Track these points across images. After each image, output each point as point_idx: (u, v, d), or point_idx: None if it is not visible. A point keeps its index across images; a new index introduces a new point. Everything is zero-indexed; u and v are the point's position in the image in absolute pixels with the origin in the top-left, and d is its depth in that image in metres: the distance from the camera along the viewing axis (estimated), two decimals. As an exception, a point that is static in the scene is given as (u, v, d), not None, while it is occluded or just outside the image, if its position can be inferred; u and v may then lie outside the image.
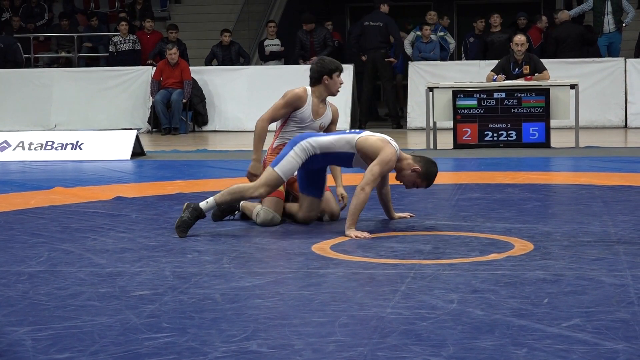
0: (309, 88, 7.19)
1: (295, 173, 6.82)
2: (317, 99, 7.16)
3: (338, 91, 7.27)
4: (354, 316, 4.39)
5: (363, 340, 4.01)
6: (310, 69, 7.23)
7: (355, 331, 4.15)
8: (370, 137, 6.67)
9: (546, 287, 4.90)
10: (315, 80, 7.17)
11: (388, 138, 6.71)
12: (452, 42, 17.27)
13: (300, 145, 6.63)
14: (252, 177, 7.02)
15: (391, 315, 4.39)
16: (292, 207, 7.06)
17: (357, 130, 6.90)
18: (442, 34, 17.24)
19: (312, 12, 17.85)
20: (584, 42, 16.49)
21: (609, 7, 16.81)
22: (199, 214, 6.54)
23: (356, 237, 6.37)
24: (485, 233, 6.51)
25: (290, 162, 6.60)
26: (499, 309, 4.46)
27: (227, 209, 7.15)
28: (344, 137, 6.70)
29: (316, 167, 6.80)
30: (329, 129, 7.30)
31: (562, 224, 6.81)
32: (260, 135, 7.08)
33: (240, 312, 4.52)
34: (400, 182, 6.80)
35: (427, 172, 6.70)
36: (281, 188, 6.91)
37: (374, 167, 6.53)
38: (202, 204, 6.56)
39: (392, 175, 6.82)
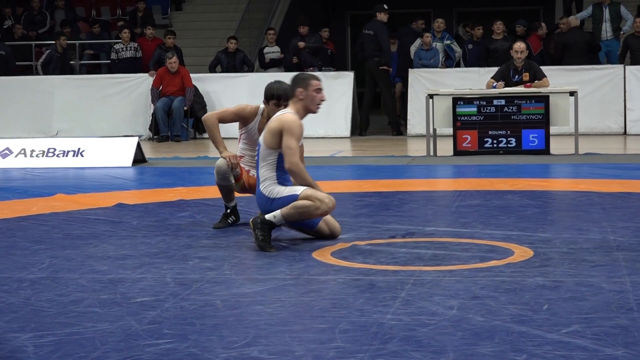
0: (262, 106, 7.30)
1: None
2: (265, 118, 7.12)
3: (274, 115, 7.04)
4: (354, 322, 4.39)
5: (363, 346, 4.01)
6: (266, 88, 7.27)
7: (355, 337, 4.15)
8: (268, 124, 6.61)
9: (546, 293, 4.90)
10: (266, 100, 7.21)
11: (278, 113, 6.63)
12: (458, 51, 17.24)
13: (264, 190, 6.51)
14: (232, 163, 7.14)
15: (391, 321, 4.39)
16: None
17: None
18: (448, 42, 17.21)
19: (311, 18, 17.85)
20: (589, 49, 16.51)
21: (607, 14, 16.84)
22: (270, 226, 6.34)
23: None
24: (485, 240, 6.51)
25: (288, 191, 6.44)
26: (498, 315, 4.46)
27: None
28: (260, 150, 6.63)
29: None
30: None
31: (562, 231, 6.81)
32: (214, 127, 7.26)
33: (241, 318, 4.52)
34: (311, 110, 6.60)
35: (300, 84, 6.58)
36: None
37: (287, 140, 6.41)
38: (269, 217, 6.36)
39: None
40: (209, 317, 4.55)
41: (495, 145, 12.36)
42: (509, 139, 12.34)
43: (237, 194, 7.41)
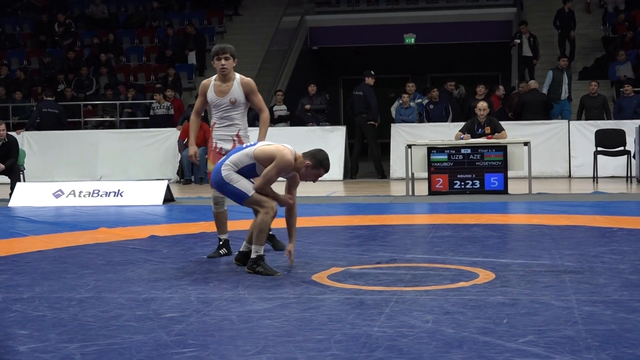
0: (212, 77, 7.07)
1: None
2: (219, 81, 6.96)
3: (222, 71, 6.93)
4: (347, 334, 4.37)
5: (354, 354, 3.99)
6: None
7: (348, 346, 4.13)
8: (266, 147, 6.29)
9: (505, 309, 4.89)
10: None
11: (284, 145, 6.33)
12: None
13: (224, 171, 6.28)
14: (192, 158, 7.11)
15: (377, 333, 4.37)
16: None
17: (254, 143, 6.49)
18: (419, 100, 17.26)
19: (310, 83, 17.93)
20: (545, 107, 16.60)
21: (565, 78, 16.98)
22: (259, 259, 6.21)
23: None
24: (455, 264, 6.50)
25: (241, 184, 6.24)
26: (466, 327, 4.44)
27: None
28: (245, 151, 6.33)
29: (248, 177, 6.38)
30: (250, 100, 7.03)
31: (518, 257, 6.80)
32: (193, 127, 7.14)
33: (253, 330, 4.50)
34: (304, 180, 6.36)
35: (317, 160, 6.23)
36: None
37: (269, 170, 6.17)
38: (253, 255, 6.25)
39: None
40: (226, 330, 4.53)
41: (462, 186, 12.37)
42: (474, 181, 12.35)
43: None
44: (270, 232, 7.13)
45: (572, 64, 19.25)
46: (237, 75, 7.05)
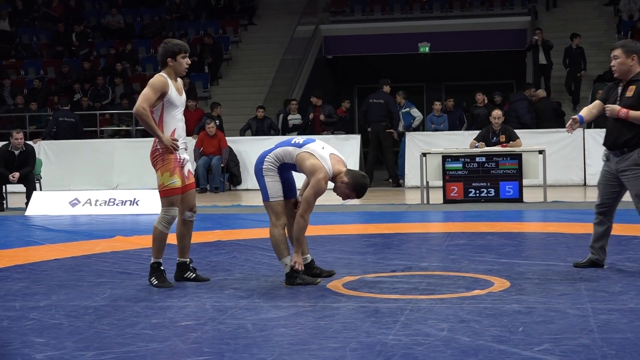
0: (163, 73, 6.31)
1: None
2: (173, 80, 6.31)
3: (185, 71, 6.40)
4: (361, 342, 4.37)
5: (369, 362, 3.99)
6: (158, 54, 6.38)
7: (363, 355, 4.13)
8: (307, 160, 6.09)
9: (521, 317, 4.87)
10: (162, 64, 6.34)
11: (322, 159, 6.12)
12: (417, 116, 17.01)
13: (267, 162, 6.22)
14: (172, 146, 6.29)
15: (393, 341, 4.36)
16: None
17: (300, 142, 6.25)
18: (407, 109, 17.06)
19: (326, 91, 17.91)
20: (556, 115, 16.56)
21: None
22: (293, 272, 6.10)
23: (296, 263, 6.07)
24: (470, 273, 6.48)
25: (272, 185, 6.20)
26: (482, 335, 4.43)
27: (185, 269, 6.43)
28: (290, 149, 6.20)
29: (284, 175, 6.31)
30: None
31: (534, 265, 6.78)
32: (149, 117, 6.14)
33: (268, 339, 4.50)
34: (335, 192, 6.25)
35: (354, 184, 6.13)
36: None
37: (308, 196, 6.05)
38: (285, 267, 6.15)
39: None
40: (241, 338, 4.53)
41: (477, 194, 12.34)
42: (489, 190, 12.32)
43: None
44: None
45: (587, 70, 19.17)
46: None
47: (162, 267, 6.26)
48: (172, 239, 6.45)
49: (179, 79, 6.45)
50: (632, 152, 6.29)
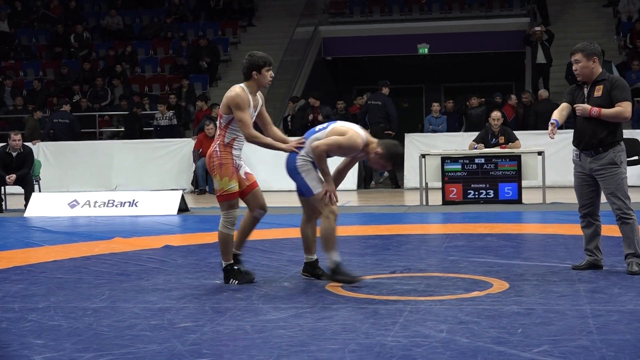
0: (243, 85, 6.25)
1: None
2: (252, 94, 6.25)
3: (269, 84, 6.40)
4: (360, 344, 4.37)
5: (368, 363, 3.99)
6: (242, 65, 6.33)
7: (362, 356, 4.13)
8: (339, 128, 6.12)
9: (520, 319, 4.87)
10: (246, 76, 6.29)
11: (356, 130, 6.15)
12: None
13: (300, 159, 6.17)
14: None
15: (392, 342, 4.37)
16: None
17: (325, 126, 6.24)
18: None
19: (325, 92, 17.90)
20: None
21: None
22: (337, 267, 6.08)
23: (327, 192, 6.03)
24: (469, 274, 6.48)
25: (312, 178, 6.16)
26: (481, 337, 4.43)
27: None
28: (316, 136, 6.17)
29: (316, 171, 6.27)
30: (260, 112, 6.38)
31: (533, 267, 6.78)
32: (259, 138, 6.25)
33: (267, 340, 4.50)
34: (370, 166, 6.16)
35: (389, 153, 6.11)
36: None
37: (337, 139, 6.04)
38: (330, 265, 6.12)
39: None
40: (240, 340, 4.53)
41: (476, 196, 12.34)
42: (488, 191, 12.32)
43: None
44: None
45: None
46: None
47: (235, 267, 6.28)
48: (172, 239, 6.46)
49: (258, 94, 6.39)
50: (607, 152, 6.36)
